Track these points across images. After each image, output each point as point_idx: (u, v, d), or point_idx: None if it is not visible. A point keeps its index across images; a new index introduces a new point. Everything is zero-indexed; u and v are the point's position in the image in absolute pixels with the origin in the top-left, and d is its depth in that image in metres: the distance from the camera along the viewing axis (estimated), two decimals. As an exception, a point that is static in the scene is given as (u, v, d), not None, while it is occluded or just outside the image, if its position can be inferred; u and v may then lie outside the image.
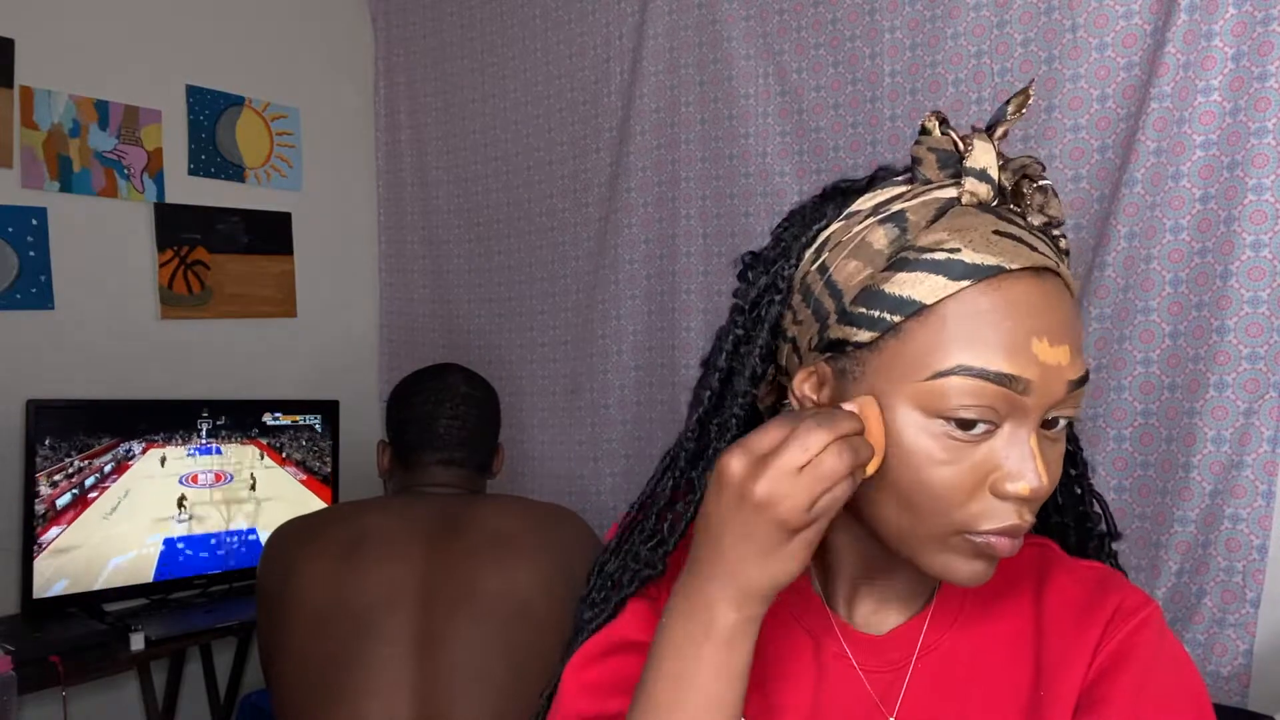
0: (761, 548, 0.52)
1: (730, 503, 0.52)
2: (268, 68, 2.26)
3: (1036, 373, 0.53)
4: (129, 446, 1.87)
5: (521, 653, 1.17)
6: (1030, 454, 0.53)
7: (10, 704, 1.41)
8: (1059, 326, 0.54)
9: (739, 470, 0.51)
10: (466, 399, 1.37)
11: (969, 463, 0.54)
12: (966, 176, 0.57)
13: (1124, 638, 0.60)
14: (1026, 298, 0.54)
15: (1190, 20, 1.30)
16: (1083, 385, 0.55)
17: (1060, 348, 0.54)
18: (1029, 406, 0.54)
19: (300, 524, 1.29)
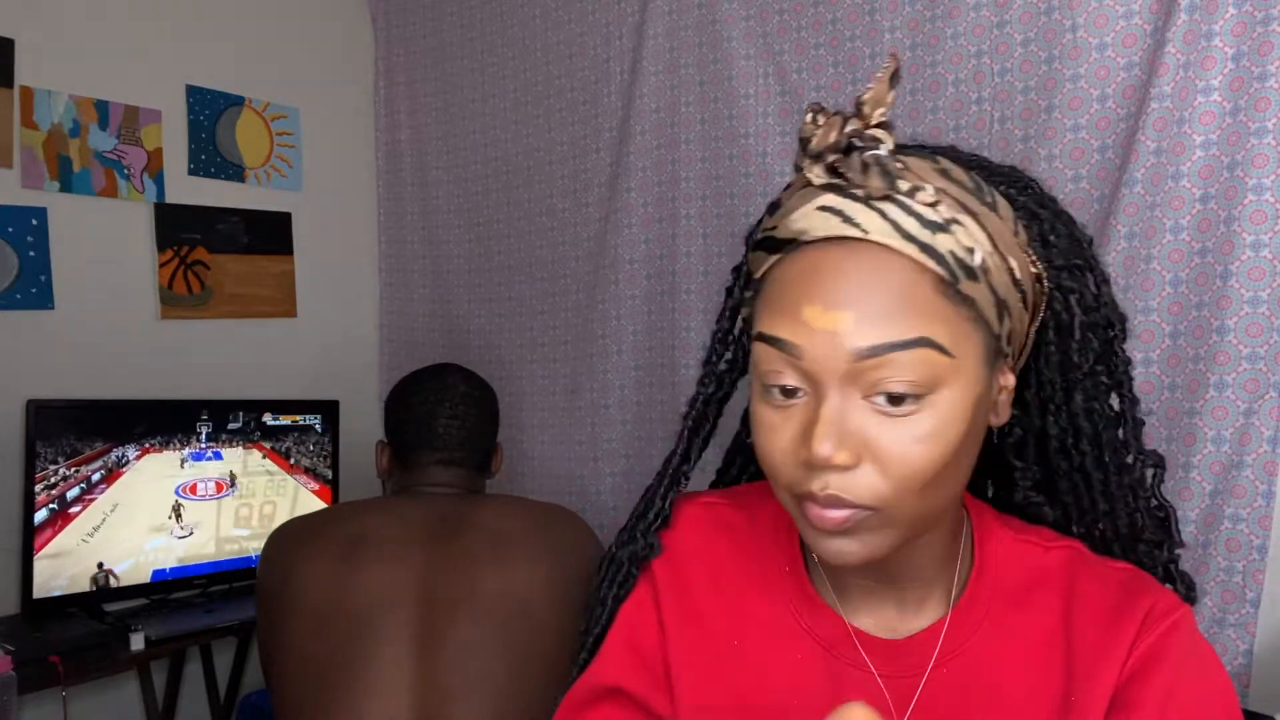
0: None
1: None
2: (268, 68, 2.26)
3: (806, 337, 0.54)
4: (123, 452, 1.86)
5: (521, 653, 1.17)
6: (814, 421, 0.54)
7: (10, 704, 1.41)
8: (842, 293, 0.54)
9: None
10: (465, 398, 1.37)
11: (790, 428, 0.56)
12: (805, 158, 0.58)
13: (1155, 641, 0.59)
14: (814, 266, 0.55)
15: (1190, 20, 1.29)
16: (887, 353, 0.53)
17: (837, 312, 0.53)
18: (817, 373, 0.54)
19: (300, 524, 1.29)
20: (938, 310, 0.54)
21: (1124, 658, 0.59)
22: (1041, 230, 0.61)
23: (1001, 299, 0.56)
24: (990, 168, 0.62)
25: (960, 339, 0.55)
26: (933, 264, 0.54)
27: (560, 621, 1.22)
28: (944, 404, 0.54)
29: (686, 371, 1.88)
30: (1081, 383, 0.63)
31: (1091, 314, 0.63)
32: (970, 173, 0.59)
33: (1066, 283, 0.62)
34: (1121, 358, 0.64)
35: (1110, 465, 0.64)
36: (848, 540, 0.57)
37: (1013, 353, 0.60)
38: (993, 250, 0.56)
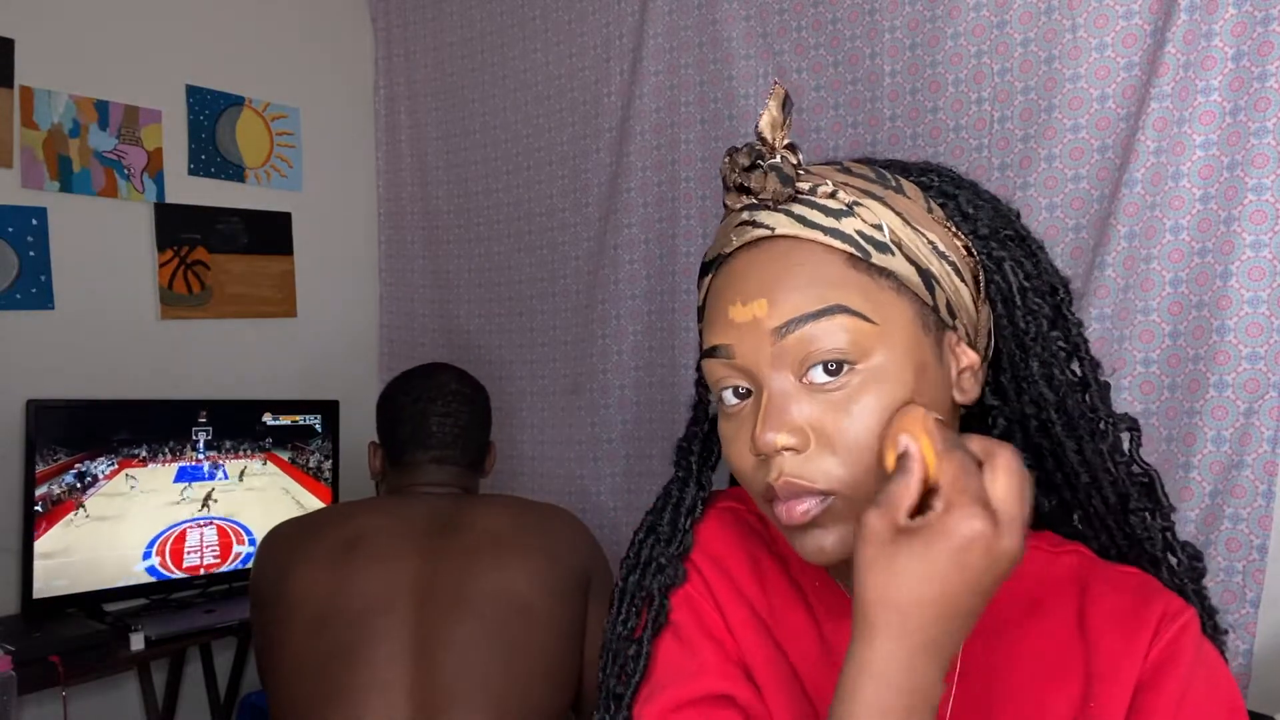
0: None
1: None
2: (268, 68, 2.26)
3: (734, 335, 0.58)
4: (117, 457, 1.86)
5: (518, 652, 1.17)
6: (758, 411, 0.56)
7: (10, 704, 1.41)
8: (759, 283, 0.57)
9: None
10: (457, 396, 1.37)
11: (744, 431, 0.58)
12: (725, 193, 0.61)
13: (1166, 645, 0.59)
14: (733, 271, 0.59)
15: (1190, 20, 1.29)
16: (804, 324, 0.55)
17: (755, 302, 0.57)
18: (750, 367, 0.57)
19: (294, 526, 1.29)
20: (852, 281, 0.56)
21: (1140, 663, 0.59)
22: (959, 205, 0.63)
23: (924, 269, 0.58)
24: (905, 164, 0.65)
25: (882, 306, 0.56)
26: (839, 243, 0.56)
27: (558, 621, 1.22)
28: (878, 370, 0.55)
29: (686, 372, 1.88)
30: (1033, 348, 0.63)
31: (1033, 281, 0.63)
32: (874, 167, 0.62)
33: (997, 251, 0.62)
34: (1073, 320, 0.64)
35: (1082, 431, 0.63)
36: (822, 533, 0.57)
37: (964, 328, 0.61)
38: (903, 225, 0.58)
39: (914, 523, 0.50)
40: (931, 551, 0.48)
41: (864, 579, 0.50)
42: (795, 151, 0.59)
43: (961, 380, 0.61)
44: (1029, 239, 0.65)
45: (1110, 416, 0.63)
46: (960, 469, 0.50)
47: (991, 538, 0.48)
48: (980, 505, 0.49)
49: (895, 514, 0.50)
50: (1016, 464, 0.51)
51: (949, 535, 0.48)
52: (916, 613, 0.49)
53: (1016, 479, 0.50)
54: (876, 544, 0.50)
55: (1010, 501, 0.49)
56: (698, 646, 0.64)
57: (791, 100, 0.59)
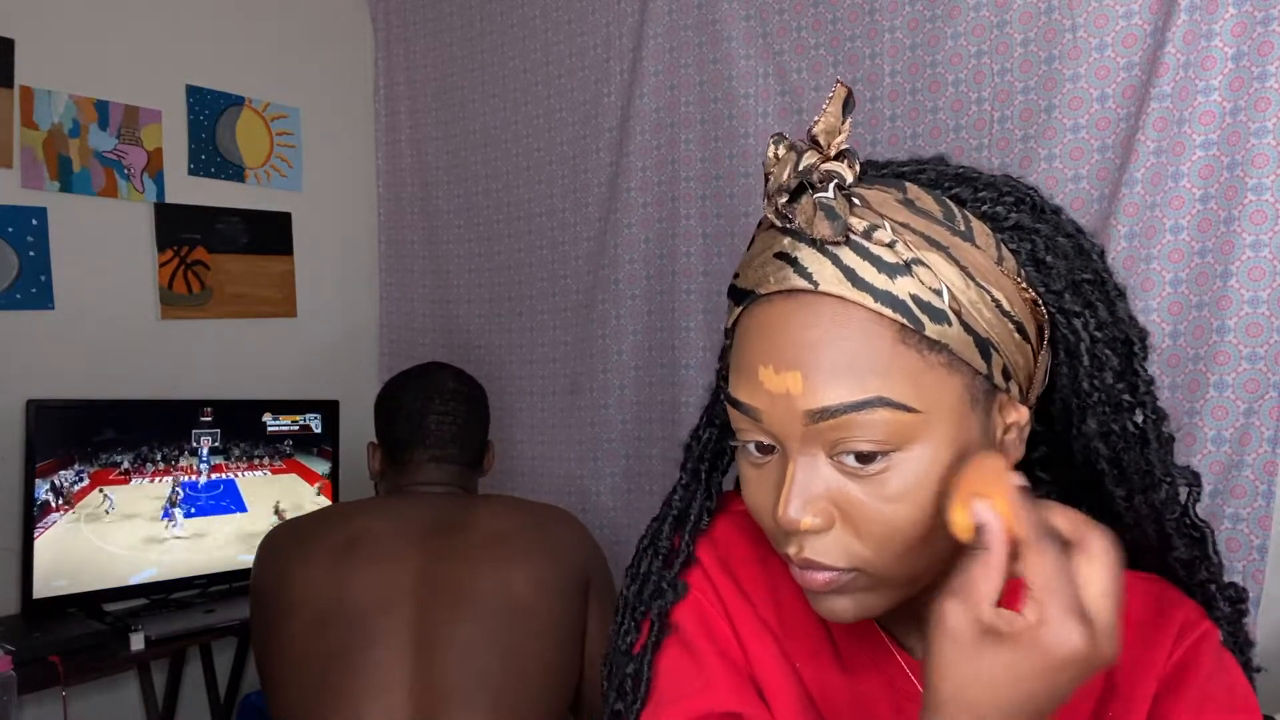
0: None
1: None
2: (268, 68, 2.26)
3: (765, 401, 0.53)
4: (118, 459, 1.86)
5: (518, 653, 1.17)
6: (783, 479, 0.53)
7: (10, 704, 1.41)
8: (792, 352, 0.51)
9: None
10: (455, 394, 1.37)
11: (767, 484, 0.55)
12: (766, 195, 0.54)
13: (1185, 654, 0.59)
14: (767, 325, 0.53)
15: (1190, 20, 1.29)
16: (842, 415, 0.50)
17: (788, 374, 0.51)
18: (779, 435, 0.53)
19: (294, 526, 1.29)
20: (899, 364, 0.50)
21: (1160, 672, 0.59)
22: (1034, 250, 0.56)
23: (984, 337, 0.52)
24: (977, 182, 0.57)
25: (928, 389, 0.51)
26: (890, 312, 0.50)
27: (558, 621, 1.22)
28: (913, 462, 0.51)
29: (686, 372, 1.88)
30: (1094, 406, 0.59)
31: (1106, 330, 0.58)
32: (942, 197, 0.55)
33: (1069, 305, 0.57)
34: (1143, 376, 0.59)
35: (1134, 484, 0.60)
36: (841, 598, 0.55)
37: (1019, 385, 0.56)
38: (967, 285, 0.52)
39: (1002, 624, 0.45)
40: (1021, 663, 0.45)
41: (941, 674, 0.47)
42: (852, 163, 0.52)
43: (1006, 441, 0.57)
44: (1108, 284, 0.59)
45: (1169, 473, 0.60)
46: (1053, 567, 0.45)
47: (1089, 652, 0.44)
48: (1077, 618, 0.44)
49: (979, 608, 0.46)
50: (1113, 553, 0.46)
51: (1044, 651, 0.44)
52: (994, 717, 0.46)
53: (1114, 574, 0.46)
54: (958, 643, 0.46)
55: (1106, 604, 0.45)
56: (704, 660, 0.62)
57: (854, 101, 0.52)
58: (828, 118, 0.52)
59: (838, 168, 0.51)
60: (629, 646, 0.66)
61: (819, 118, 0.52)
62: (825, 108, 0.52)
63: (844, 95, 0.52)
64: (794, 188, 0.52)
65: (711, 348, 1.86)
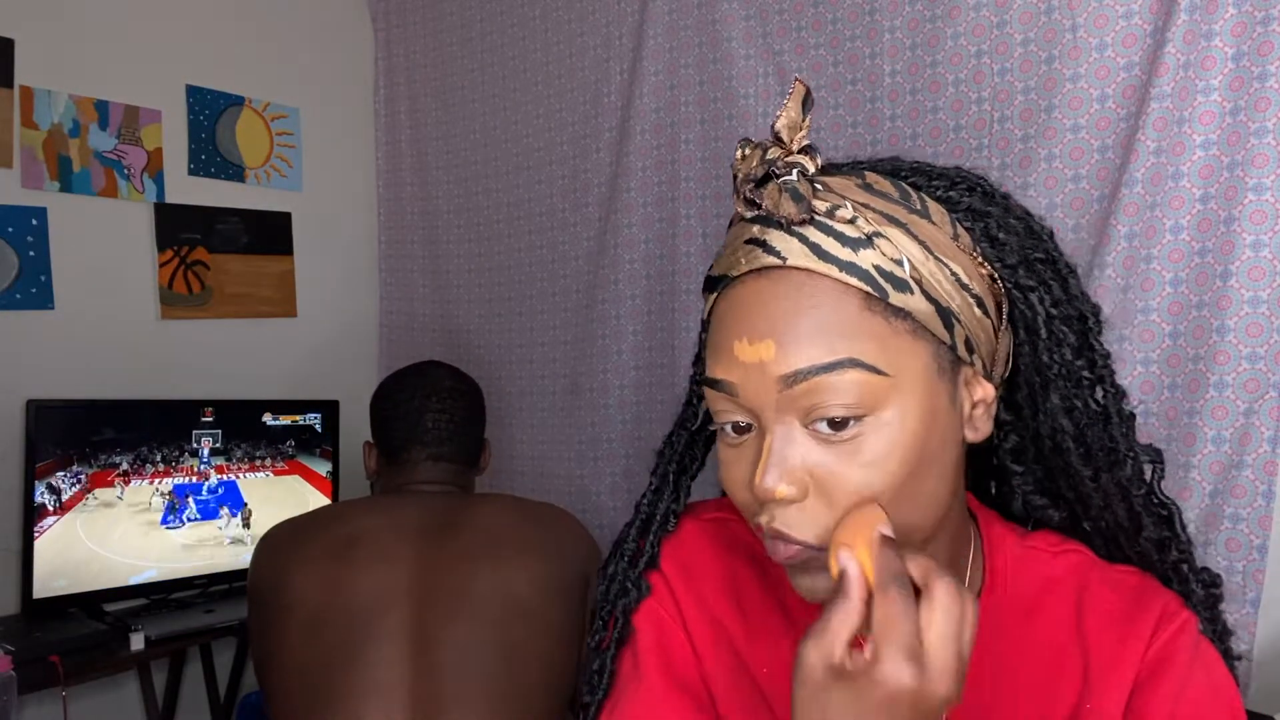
0: None
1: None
2: (268, 68, 2.26)
3: (739, 374, 0.55)
4: (119, 459, 1.86)
5: (517, 652, 1.17)
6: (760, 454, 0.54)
7: (10, 704, 1.41)
8: (765, 323, 0.54)
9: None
10: (451, 392, 1.37)
11: (743, 463, 0.56)
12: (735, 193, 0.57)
13: (1163, 645, 0.59)
14: (740, 301, 0.55)
15: (1190, 20, 1.29)
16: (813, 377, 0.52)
17: (761, 344, 0.53)
18: (755, 408, 0.55)
19: (291, 527, 1.29)
20: (866, 328, 0.53)
21: (1138, 663, 0.59)
22: (988, 229, 0.59)
23: (944, 306, 0.55)
24: (931, 172, 0.60)
25: (896, 355, 0.53)
26: (856, 281, 0.53)
27: (557, 621, 1.21)
28: (887, 425, 0.53)
29: (686, 372, 1.88)
30: (1055, 381, 0.60)
31: (1061, 308, 0.60)
32: (898, 182, 0.58)
33: (1024, 280, 0.59)
34: (1100, 351, 0.62)
35: (1100, 461, 0.62)
36: (816, 576, 0.56)
37: (983, 360, 0.58)
38: (926, 258, 0.54)
39: (848, 664, 0.48)
40: (860, 700, 0.47)
41: (797, 714, 0.49)
42: (814, 156, 0.55)
43: (974, 416, 0.59)
44: (1060, 262, 0.61)
45: (1132, 449, 0.62)
46: (894, 610, 0.48)
47: (917, 691, 0.47)
48: (908, 656, 0.47)
49: (832, 650, 0.48)
50: (956, 601, 0.49)
51: (877, 686, 0.47)
52: None
53: (954, 620, 0.48)
54: (810, 684, 0.49)
55: (944, 647, 0.48)
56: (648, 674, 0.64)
57: (813, 99, 0.56)
58: (788, 113, 0.54)
59: (800, 159, 0.55)
60: (597, 643, 0.68)
61: (780, 113, 0.55)
62: (786, 104, 0.55)
63: (803, 93, 0.55)
64: (760, 177, 0.55)
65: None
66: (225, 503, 2.00)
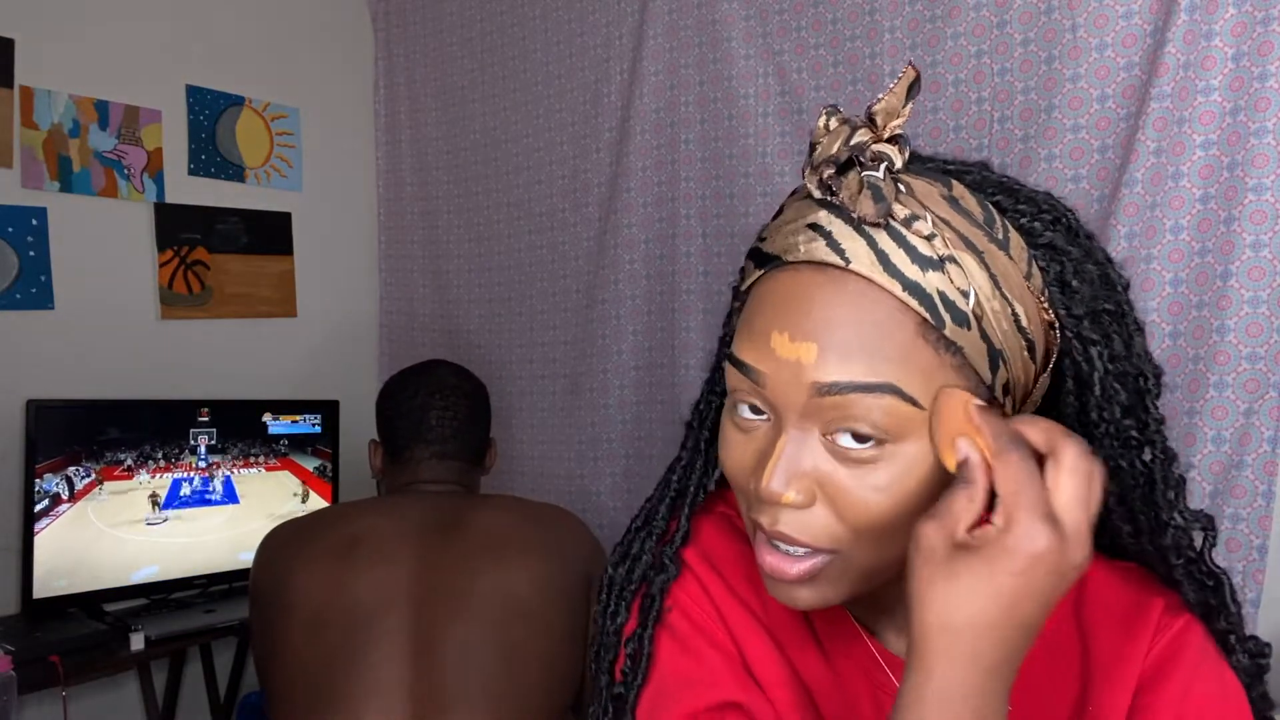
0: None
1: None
2: (268, 68, 2.26)
3: (771, 366, 0.52)
4: (119, 457, 1.86)
5: (519, 653, 1.17)
6: (770, 453, 0.52)
7: (10, 704, 1.41)
8: (812, 323, 0.51)
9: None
10: (456, 390, 1.37)
11: (750, 449, 0.55)
12: (808, 165, 0.53)
13: (1167, 644, 0.58)
14: (789, 291, 0.53)
15: (1190, 20, 1.29)
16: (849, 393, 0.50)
17: (803, 344, 0.51)
18: (778, 404, 0.52)
19: (293, 527, 1.29)
20: (914, 355, 0.50)
21: (1141, 663, 0.58)
22: (1062, 273, 0.55)
23: (997, 349, 0.52)
24: (1019, 194, 0.57)
25: (935, 388, 0.51)
26: (916, 304, 0.50)
27: (559, 621, 1.21)
28: (905, 457, 0.51)
29: (686, 372, 1.88)
30: (1101, 440, 0.57)
31: (1119, 364, 0.57)
32: (986, 202, 0.54)
33: (1088, 333, 0.56)
34: (1154, 415, 0.58)
35: (1141, 524, 0.59)
36: (801, 588, 0.55)
37: (1014, 401, 0.56)
38: (993, 294, 0.52)
39: (973, 538, 0.46)
40: (994, 571, 0.45)
41: (922, 599, 0.47)
42: (903, 148, 0.51)
43: None
44: (1128, 317, 0.58)
45: (1176, 516, 0.58)
46: (1019, 474, 0.46)
47: (1057, 554, 0.45)
48: (1043, 519, 0.45)
49: (954, 528, 0.47)
50: (1084, 461, 0.47)
51: (1012, 554, 0.45)
52: (982, 635, 0.46)
53: (1083, 480, 0.47)
54: (934, 562, 0.47)
55: (1075, 509, 0.46)
56: (703, 654, 0.62)
57: (919, 87, 0.52)
58: (891, 98, 0.51)
59: (889, 150, 0.51)
60: (618, 628, 0.65)
61: (882, 96, 0.51)
62: (892, 88, 0.51)
63: (912, 78, 0.51)
64: (842, 162, 0.51)
65: (712, 348, 1.85)
66: (223, 498, 2.00)
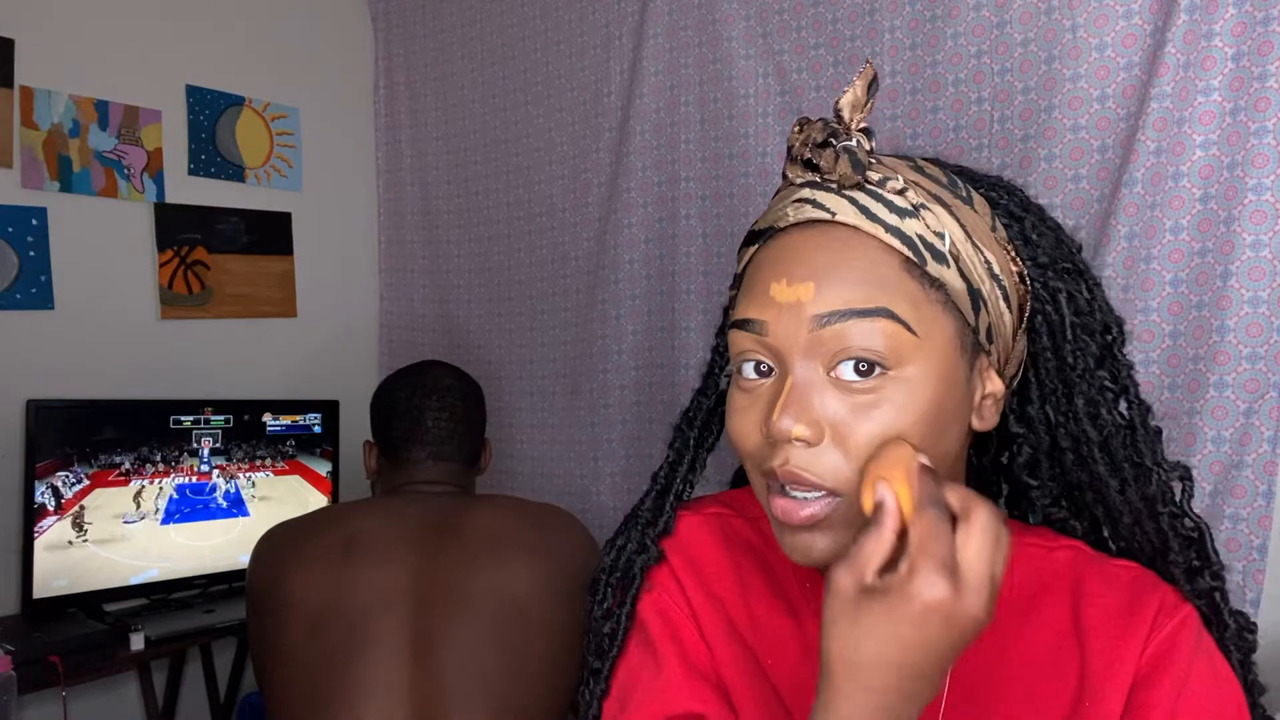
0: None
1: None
2: (268, 68, 2.26)
3: (773, 313, 0.56)
4: (119, 459, 1.86)
5: (518, 653, 1.17)
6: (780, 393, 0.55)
7: (10, 704, 1.41)
8: (809, 267, 0.56)
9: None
10: (451, 391, 1.37)
11: (757, 407, 0.58)
12: (789, 163, 0.60)
13: (1163, 640, 0.59)
14: (784, 248, 0.58)
15: (1190, 20, 1.29)
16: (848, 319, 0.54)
17: (801, 285, 0.55)
18: (782, 347, 0.56)
19: (291, 527, 1.28)
20: (903, 287, 0.55)
21: (1136, 660, 0.59)
22: (1024, 229, 0.61)
23: (975, 289, 0.57)
24: (974, 174, 0.63)
25: (926, 319, 0.55)
26: (899, 244, 0.55)
27: (557, 621, 1.21)
28: (908, 382, 0.55)
29: (686, 372, 1.88)
30: (1079, 385, 0.61)
31: (1084, 317, 0.62)
32: (947, 171, 0.60)
33: (1053, 282, 0.61)
34: (1123, 362, 0.63)
35: (1126, 474, 0.61)
36: (815, 535, 0.56)
37: (998, 355, 0.60)
38: (965, 239, 0.57)
39: (879, 583, 0.49)
40: (893, 614, 0.48)
41: (827, 635, 0.50)
42: (870, 137, 0.57)
43: (983, 407, 0.60)
44: (1087, 274, 0.63)
45: (1159, 464, 0.61)
46: (930, 528, 0.49)
47: (952, 605, 0.47)
48: (942, 571, 0.47)
49: (863, 572, 0.49)
50: (993, 524, 0.49)
51: (909, 600, 0.47)
52: (876, 674, 0.48)
53: (989, 540, 0.49)
54: (841, 601, 0.49)
55: (978, 565, 0.48)
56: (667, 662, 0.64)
57: (878, 83, 0.58)
58: (854, 92, 0.56)
59: (858, 136, 0.57)
60: (605, 611, 0.69)
61: (846, 90, 0.57)
62: (854, 82, 0.57)
63: (871, 75, 0.57)
64: (820, 142, 0.57)
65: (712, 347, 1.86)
66: (227, 502, 2.00)
